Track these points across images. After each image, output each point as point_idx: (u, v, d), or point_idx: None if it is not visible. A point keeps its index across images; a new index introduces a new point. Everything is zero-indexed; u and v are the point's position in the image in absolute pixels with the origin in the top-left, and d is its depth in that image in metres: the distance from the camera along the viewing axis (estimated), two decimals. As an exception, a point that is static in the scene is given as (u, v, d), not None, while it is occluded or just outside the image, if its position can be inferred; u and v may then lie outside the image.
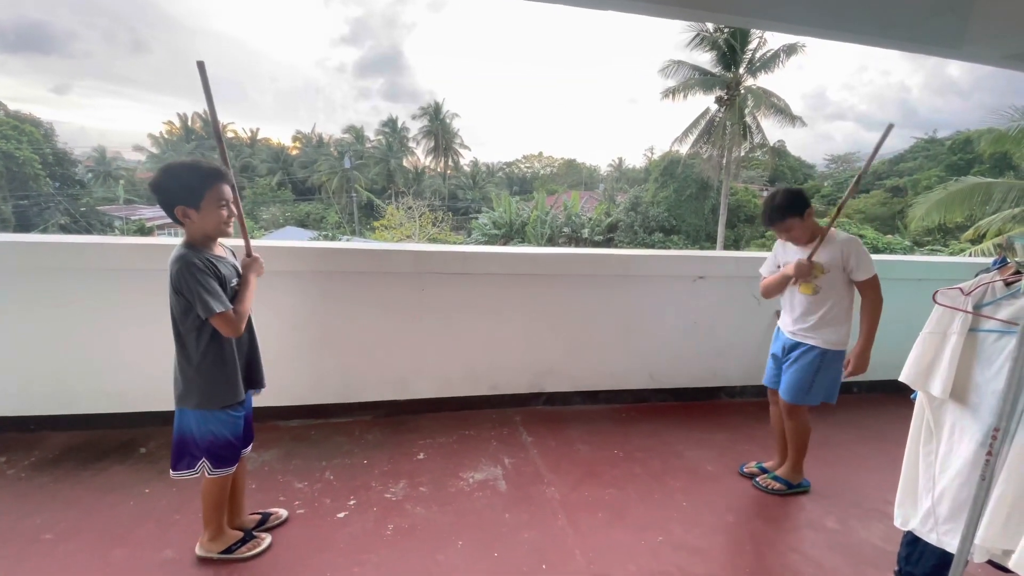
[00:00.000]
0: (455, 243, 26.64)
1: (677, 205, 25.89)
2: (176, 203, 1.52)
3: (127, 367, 2.54)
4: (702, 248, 24.24)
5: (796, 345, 2.25)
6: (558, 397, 3.09)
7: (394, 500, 2.16)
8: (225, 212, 1.58)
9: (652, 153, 45.95)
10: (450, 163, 46.05)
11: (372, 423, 2.80)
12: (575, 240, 24.39)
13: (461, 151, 46.72)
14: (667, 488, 2.36)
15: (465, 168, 48.44)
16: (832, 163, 47.39)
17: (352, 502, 2.14)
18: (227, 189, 1.58)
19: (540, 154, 63.58)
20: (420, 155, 45.36)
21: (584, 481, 2.38)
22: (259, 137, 48.45)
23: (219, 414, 1.66)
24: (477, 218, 28.55)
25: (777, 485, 2.35)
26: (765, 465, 2.49)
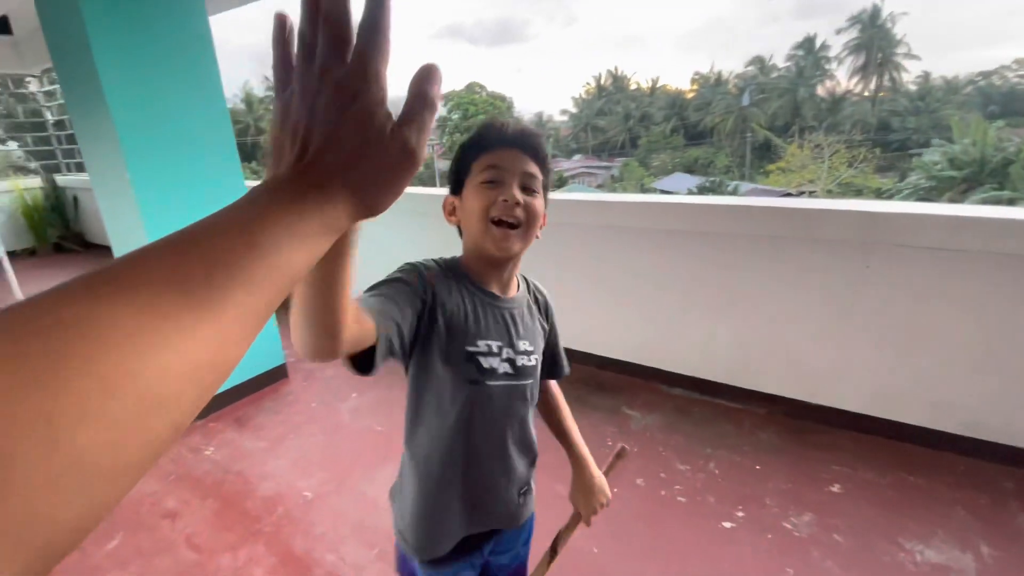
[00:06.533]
0: (877, 188, 20.86)
1: None
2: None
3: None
4: None
5: None
6: (1114, 476, 1.81)
7: (796, 536, 1.73)
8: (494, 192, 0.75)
9: None
10: (885, 81, 35.59)
11: (767, 419, 2.37)
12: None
13: (905, 63, 35.23)
14: None
15: (909, 86, 36.47)
16: None
17: (740, 514, 1.84)
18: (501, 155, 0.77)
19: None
20: (841, 77, 36.84)
21: None
22: (659, 85, 50.02)
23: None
24: (920, 154, 21.24)
25: None
26: None
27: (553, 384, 1.00)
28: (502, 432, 0.83)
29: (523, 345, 0.83)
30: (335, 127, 0.29)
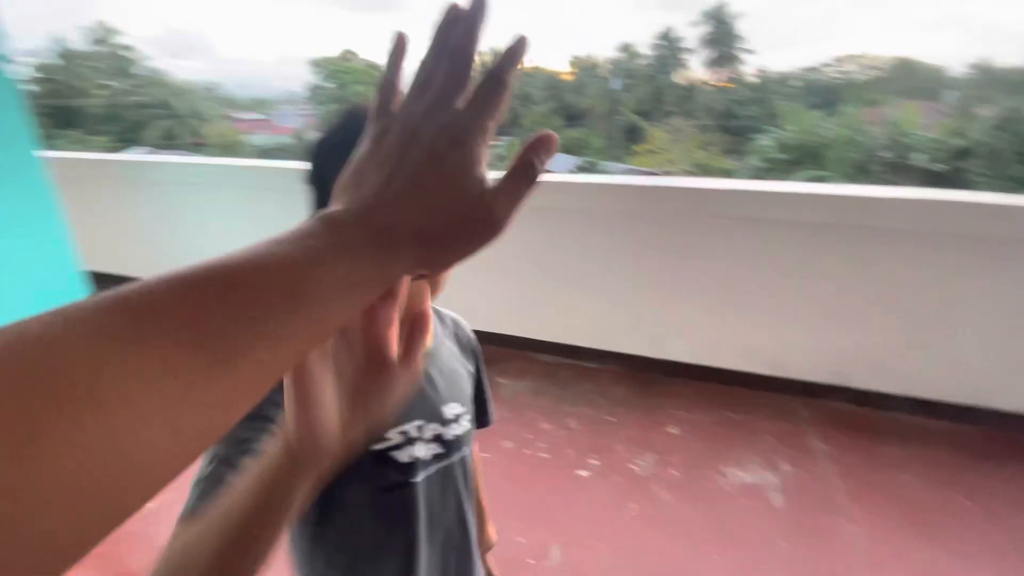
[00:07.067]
0: (724, 169, 23.68)
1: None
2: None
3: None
4: None
5: None
6: (872, 398, 2.29)
7: (639, 475, 1.94)
8: None
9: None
10: (732, 73, 40.21)
11: (621, 376, 2.60)
12: (898, 169, 18.57)
13: (746, 57, 40.08)
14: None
15: (750, 78, 41.61)
16: None
17: (594, 462, 2.01)
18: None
19: (861, 55, 48.92)
20: (697, 68, 40.84)
21: (904, 529, 1.70)
22: (537, 66, 51.00)
23: None
24: (757, 139, 24.50)
25: None
26: None
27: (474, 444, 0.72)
28: (447, 527, 0.61)
29: (451, 410, 0.61)
30: (425, 173, 0.26)
